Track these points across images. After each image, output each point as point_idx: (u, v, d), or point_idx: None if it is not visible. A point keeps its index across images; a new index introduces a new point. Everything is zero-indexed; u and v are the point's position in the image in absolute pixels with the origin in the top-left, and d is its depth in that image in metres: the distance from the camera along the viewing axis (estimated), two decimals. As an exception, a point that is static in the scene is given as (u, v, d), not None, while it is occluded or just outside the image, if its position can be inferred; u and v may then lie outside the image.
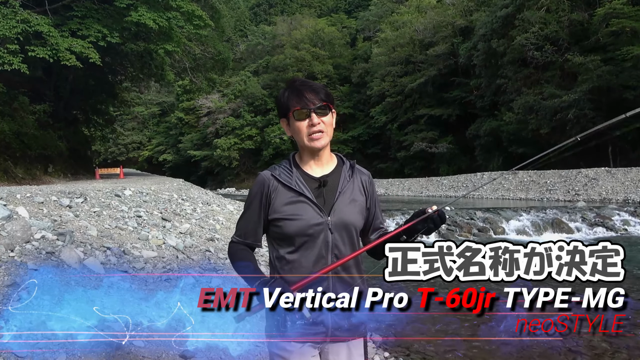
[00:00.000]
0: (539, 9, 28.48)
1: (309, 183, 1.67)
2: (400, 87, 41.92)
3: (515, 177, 27.95)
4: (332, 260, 1.62)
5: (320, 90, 1.67)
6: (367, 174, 1.83)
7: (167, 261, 5.58)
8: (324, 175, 1.71)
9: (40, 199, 6.20)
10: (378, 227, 1.82)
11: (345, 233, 1.66)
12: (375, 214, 1.81)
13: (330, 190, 1.68)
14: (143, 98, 52.50)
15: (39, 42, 14.83)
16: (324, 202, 1.66)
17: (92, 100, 25.53)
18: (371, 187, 1.80)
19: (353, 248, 1.67)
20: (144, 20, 16.07)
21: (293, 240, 1.62)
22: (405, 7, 46.49)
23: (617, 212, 13.89)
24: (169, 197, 10.17)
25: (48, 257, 4.11)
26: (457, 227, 12.69)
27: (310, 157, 1.71)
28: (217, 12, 24.57)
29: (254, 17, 78.97)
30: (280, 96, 1.72)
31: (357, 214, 1.70)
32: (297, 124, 1.66)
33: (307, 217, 1.62)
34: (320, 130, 1.66)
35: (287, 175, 1.68)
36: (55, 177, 18.37)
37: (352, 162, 1.80)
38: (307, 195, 1.64)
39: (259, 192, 1.68)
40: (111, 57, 20.45)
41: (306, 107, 1.64)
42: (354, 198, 1.71)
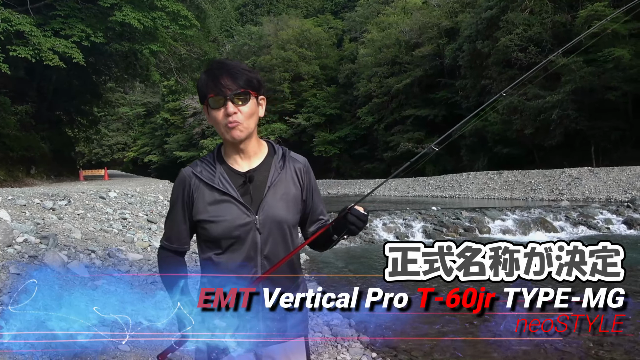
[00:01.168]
0: (522, 10, 28.85)
1: (233, 179, 1.53)
2: (386, 88, 42.10)
3: (501, 177, 28.24)
4: (262, 261, 1.51)
5: (239, 75, 1.48)
6: (302, 161, 1.66)
7: (152, 263, 5.50)
8: (250, 169, 1.56)
9: (23, 202, 6.08)
10: (317, 218, 1.68)
11: (277, 231, 1.54)
12: (313, 205, 1.67)
13: (258, 186, 1.54)
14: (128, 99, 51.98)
15: (21, 41, 14.57)
16: (250, 199, 1.52)
17: (76, 101, 25.17)
18: (307, 176, 1.64)
19: (286, 246, 1.55)
20: (129, 20, 15.89)
21: (219, 243, 1.51)
22: (391, 8, 46.71)
23: (600, 211, 14.09)
24: (154, 199, 10.05)
25: (31, 260, 4.01)
26: (443, 227, 12.75)
27: (234, 150, 1.56)
28: (203, 12, 24.41)
29: (240, 17, 78.68)
30: (199, 80, 1.54)
31: (289, 209, 1.57)
32: (213, 113, 1.49)
33: (231, 217, 1.49)
34: (235, 120, 1.47)
35: (210, 172, 1.54)
36: (38, 179, 18.07)
37: (285, 149, 1.64)
38: (232, 194, 1.51)
39: (180, 192, 1.56)
40: (95, 57, 20.18)
41: (221, 94, 1.46)
42: (286, 192, 1.57)
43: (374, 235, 12.15)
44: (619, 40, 24.64)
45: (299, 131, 49.49)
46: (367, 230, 12.35)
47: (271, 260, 1.52)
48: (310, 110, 49.76)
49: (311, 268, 8.86)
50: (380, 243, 11.69)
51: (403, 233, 12.38)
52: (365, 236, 11.96)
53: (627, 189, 20.38)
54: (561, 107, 25.88)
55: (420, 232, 12.53)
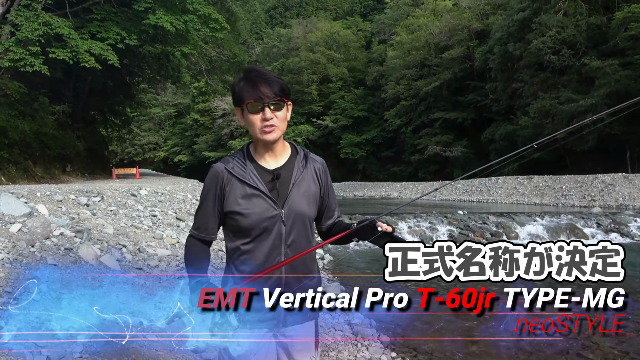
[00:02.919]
0: (556, 12, 28.20)
1: (262, 176, 1.69)
2: (415, 91, 41.77)
3: (531, 182, 27.65)
4: (286, 250, 1.67)
5: (275, 84, 1.65)
6: (320, 162, 1.83)
7: (180, 260, 5.67)
8: (277, 167, 1.72)
9: (59, 197, 6.36)
10: (331, 215, 1.85)
11: (299, 224, 1.69)
12: (329, 203, 1.83)
13: (284, 183, 1.70)
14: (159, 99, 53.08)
15: (60, 44, 15.15)
16: (277, 194, 1.68)
17: (110, 101, 25.93)
18: (325, 176, 1.81)
19: (307, 237, 1.72)
20: (162, 23, 16.32)
21: (248, 233, 1.66)
22: (421, 11, 46.33)
23: (634, 219, 13.67)
24: (183, 198, 10.30)
25: (66, 253, 4.23)
26: (469, 231, 12.61)
27: (264, 149, 1.72)
28: (233, 15, 24.80)
29: (269, 19, 79.39)
30: (235, 85, 1.72)
31: (310, 205, 1.73)
32: (251, 116, 1.66)
33: (261, 210, 1.65)
34: (272, 124, 1.65)
35: (241, 168, 1.69)
36: (73, 177, 18.70)
37: (306, 151, 1.81)
38: (261, 189, 1.66)
39: (212, 185, 1.71)
40: (129, 59, 20.78)
41: (260, 101, 1.63)
42: (308, 189, 1.73)
43: (398, 238, 12.13)
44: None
45: (326, 133, 49.58)
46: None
47: (293, 249, 1.68)
48: (338, 112, 49.79)
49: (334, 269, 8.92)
50: (405, 246, 11.65)
51: (428, 236, 12.31)
52: (390, 239, 11.94)
53: (663, 197, 19.68)
54: (595, 111, 25.16)
55: (445, 236, 12.42)
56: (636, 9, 23.69)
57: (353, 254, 10.17)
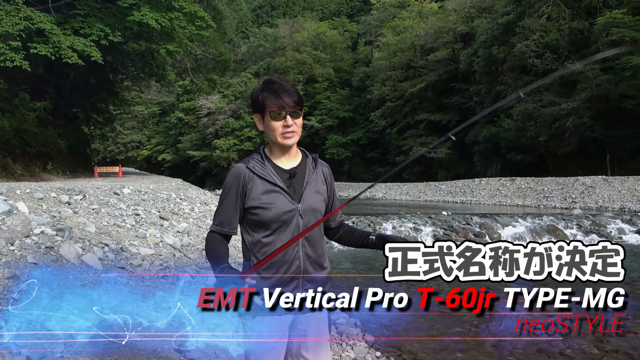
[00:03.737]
0: (539, 16, 28.62)
1: (280, 174, 1.87)
2: (400, 92, 42.00)
3: (513, 183, 28.01)
4: (303, 241, 1.85)
5: (294, 94, 1.85)
6: (327, 166, 2.07)
7: (164, 259, 5.58)
8: (292, 167, 1.91)
9: (40, 195, 6.21)
10: (336, 218, 2.06)
11: (313, 218, 1.87)
12: (334, 203, 2.05)
13: (299, 181, 1.90)
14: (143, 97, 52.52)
15: (41, 39, 14.85)
16: (294, 191, 1.87)
17: (93, 99, 25.54)
18: (330, 178, 2.05)
19: (320, 231, 1.93)
20: (147, 20, 16.11)
21: (269, 226, 1.82)
22: (407, 12, 46.62)
23: (613, 220, 13.91)
24: (167, 197, 10.17)
25: (47, 251, 4.12)
26: (453, 232, 12.70)
27: (281, 152, 1.91)
28: (219, 13, 24.63)
29: (255, 18, 79.12)
30: (256, 93, 1.89)
31: (321, 202, 1.94)
32: (273, 123, 1.84)
33: (280, 204, 1.82)
34: (293, 130, 1.85)
35: (261, 167, 1.86)
36: (54, 175, 18.36)
37: (315, 155, 2.03)
38: (281, 185, 1.84)
39: (235, 183, 1.86)
40: (113, 56, 20.48)
41: (283, 109, 1.82)
42: (318, 188, 1.94)
43: (383, 238, 12.16)
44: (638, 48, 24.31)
45: (312, 133, 49.57)
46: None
47: (310, 241, 1.87)
48: (324, 112, 49.83)
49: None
50: (390, 246, 11.68)
51: (413, 237, 12.36)
52: (375, 239, 11.97)
53: (642, 199, 20.09)
54: (577, 114, 25.61)
55: (429, 237, 12.50)
56: (617, 14, 24.16)
57: (338, 253, 10.17)
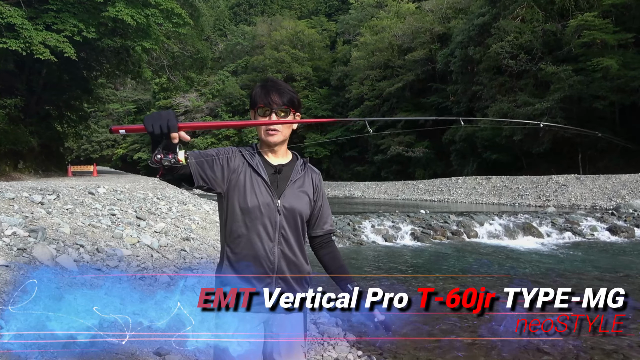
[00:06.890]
0: (514, 18, 29.18)
1: (266, 168, 1.88)
2: (378, 91, 42.27)
3: (489, 182, 28.50)
4: (279, 237, 1.82)
5: (285, 95, 1.85)
6: (318, 173, 2.03)
7: (141, 260, 5.50)
8: (280, 164, 1.91)
9: (11, 195, 6.05)
10: (322, 226, 1.99)
11: (292, 217, 1.85)
12: (322, 212, 1.99)
13: (283, 178, 1.88)
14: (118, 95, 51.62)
15: (12, 34, 14.45)
16: (277, 186, 1.86)
17: (66, 96, 24.92)
18: (320, 185, 1.99)
19: (297, 232, 1.87)
20: (122, 16, 15.82)
21: (245, 216, 1.81)
22: (385, 12, 46.92)
23: (585, 218, 14.29)
24: (144, 196, 10.02)
25: (19, 253, 4.02)
26: (431, 230, 12.86)
27: (267, 149, 1.91)
28: (196, 10, 24.35)
29: (233, 16, 78.46)
30: (253, 90, 1.91)
31: (304, 203, 1.90)
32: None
33: (260, 196, 1.81)
34: (276, 129, 1.85)
35: (250, 157, 1.88)
36: (25, 174, 17.90)
37: (305, 159, 2.00)
38: (264, 177, 1.84)
39: (227, 152, 1.86)
40: (87, 52, 20.04)
41: (269, 107, 1.82)
42: (304, 189, 1.91)
43: (362, 237, 12.22)
44: (608, 51, 25.01)
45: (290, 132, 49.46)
46: (356, 231, 12.43)
47: (287, 240, 1.84)
48: (302, 111, 49.25)
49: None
50: (369, 245, 11.76)
51: (391, 235, 12.47)
52: (354, 238, 12.03)
53: (612, 197, 20.69)
54: (550, 114, 26.20)
55: (408, 235, 12.62)
56: (589, 17, 24.78)
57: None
